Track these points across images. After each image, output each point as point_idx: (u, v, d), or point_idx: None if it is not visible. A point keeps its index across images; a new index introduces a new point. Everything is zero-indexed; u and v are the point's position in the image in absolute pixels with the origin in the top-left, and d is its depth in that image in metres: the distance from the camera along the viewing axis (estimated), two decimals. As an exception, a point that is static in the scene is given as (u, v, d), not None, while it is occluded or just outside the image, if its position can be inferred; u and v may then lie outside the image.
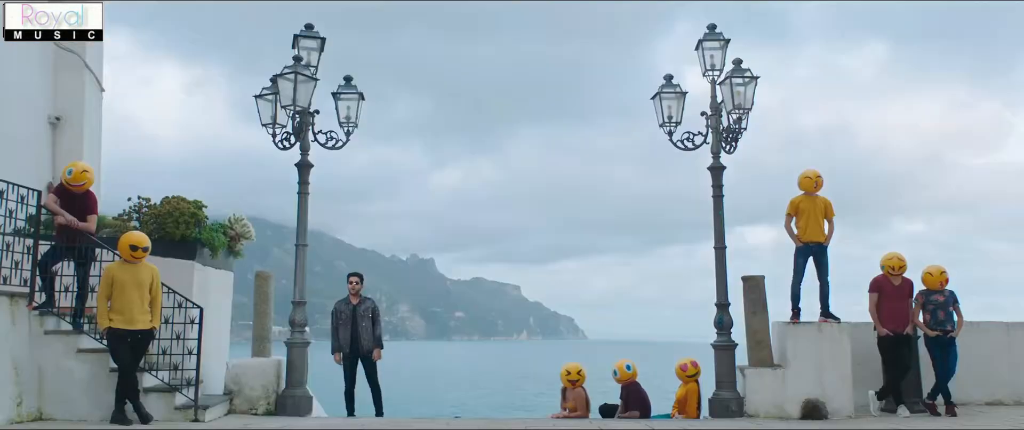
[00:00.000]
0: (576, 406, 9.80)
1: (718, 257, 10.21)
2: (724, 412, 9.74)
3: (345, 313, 10.60)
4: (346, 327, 10.53)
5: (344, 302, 10.71)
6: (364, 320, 10.65)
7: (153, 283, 8.38)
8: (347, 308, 10.63)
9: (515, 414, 38.28)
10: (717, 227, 10.25)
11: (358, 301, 10.73)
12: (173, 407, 8.60)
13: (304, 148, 10.32)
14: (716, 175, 10.31)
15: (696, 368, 9.93)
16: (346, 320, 10.55)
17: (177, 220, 9.75)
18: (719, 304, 10.10)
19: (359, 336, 10.59)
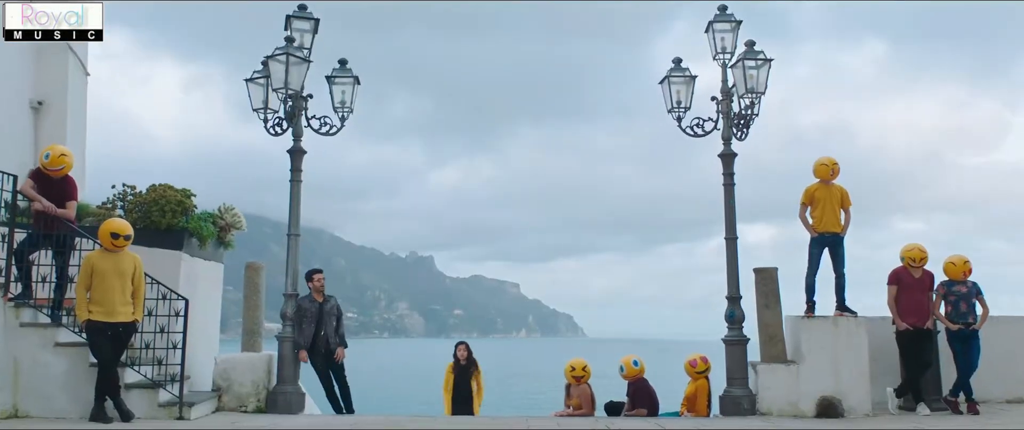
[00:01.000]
0: (581, 403, 9.37)
1: (729, 248, 9.77)
2: (735, 410, 9.30)
3: (311, 310, 10.08)
4: (311, 325, 10.04)
5: (309, 299, 10.16)
6: (330, 318, 10.26)
7: (135, 273, 7.94)
8: (313, 306, 10.14)
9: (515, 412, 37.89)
10: (728, 216, 9.81)
11: (323, 299, 10.29)
12: (157, 404, 8.15)
13: (297, 134, 9.87)
14: (727, 162, 9.87)
15: (706, 364, 9.50)
16: (312, 318, 10.06)
17: (163, 208, 9.31)
18: (730, 297, 9.66)
19: (327, 335, 10.19)
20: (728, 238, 9.78)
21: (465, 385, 10.50)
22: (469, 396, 10.48)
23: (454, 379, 10.53)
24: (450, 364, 10.71)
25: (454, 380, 10.52)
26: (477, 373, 10.63)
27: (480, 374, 10.66)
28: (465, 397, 10.49)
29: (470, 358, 10.68)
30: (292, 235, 9.79)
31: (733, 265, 9.72)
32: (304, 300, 10.06)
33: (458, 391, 10.49)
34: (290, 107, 9.78)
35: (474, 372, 10.60)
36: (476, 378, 10.57)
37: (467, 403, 10.45)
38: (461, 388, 10.49)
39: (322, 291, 10.29)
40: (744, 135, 9.93)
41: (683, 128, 10.04)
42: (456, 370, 10.63)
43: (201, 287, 9.93)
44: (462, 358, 10.64)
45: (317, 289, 10.25)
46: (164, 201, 9.35)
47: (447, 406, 10.57)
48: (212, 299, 10.49)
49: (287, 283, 9.71)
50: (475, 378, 10.56)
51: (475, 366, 10.65)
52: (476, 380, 10.55)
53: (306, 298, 10.11)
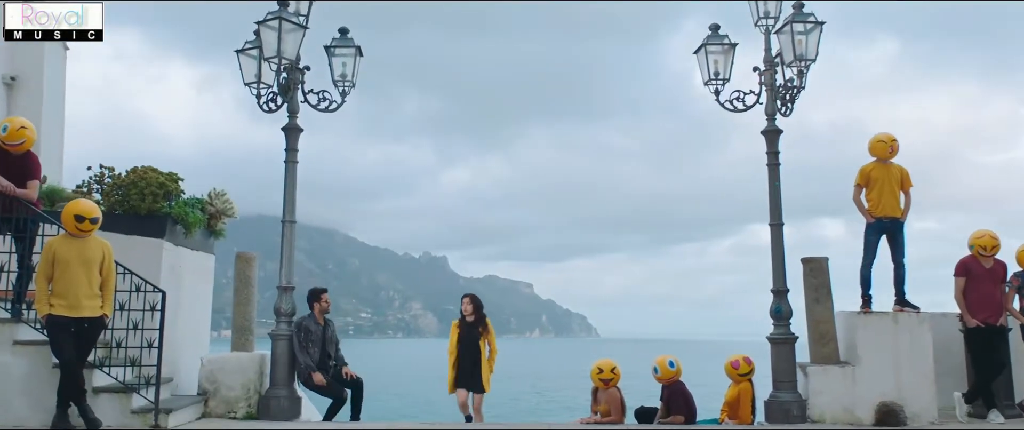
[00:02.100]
0: (610, 409, 8.35)
1: (774, 235, 8.74)
2: (783, 417, 8.27)
3: (315, 333, 8.87)
4: (317, 348, 8.84)
5: (311, 320, 8.93)
6: (333, 344, 9.09)
7: (104, 261, 6.97)
8: (317, 328, 8.92)
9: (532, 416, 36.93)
10: (773, 200, 8.77)
11: (325, 323, 9.08)
12: (129, 410, 7.19)
13: (292, 110, 8.90)
14: (771, 139, 8.83)
15: (749, 366, 8.47)
16: (317, 340, 8.87)
17: (143, 191, 8.38)
18: (776, 290, 8.62)
19: (333, 359, 9.03)
20: (773, 224, 8.74)
21: (472, 347, 9.11)
22: (477, 361, 9.06)
23: (459, 340, 9.16)
24: (455, 322, 9.36)
25: (459, 341, 9.15)
26: (487, 333, 9.22)
27: (492, 335, 9.25)
28: (473, 362, 9.07)
29: (479, 314, 9.22)
30: (287, 222, 8.81)
31: (779, 255, 8.70)
32: (308, 321, 8.89)
33: (464, 355, 9.09)
34: (284, 79, 8.81)
35: (483, 332, 9.19)
36: (486, 339, 9.18)
37: (475, 370, 9.05)
38: (468, 351, 9.10)
39: (326, 314, 9.14)
40: (789, 110, 8.90)
41: (722, 102, 9.01)
42: (462, 328, 9.25)
43: (188, 280, 9.00)
44: (468, 314, 9.19)
45: (323, 311, 9.07)
46: (144, 183, 8.42)
47: (451, 378, 9.13)
48: (201, 293, 9.56)
49: (281, 275, 8.74)
50: (485, 339, 9.17)
51: (485, 324, 9.22)
52: (487, 341, 9.17)
53: (310, 319, 8.93)
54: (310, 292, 9.16)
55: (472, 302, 9.28)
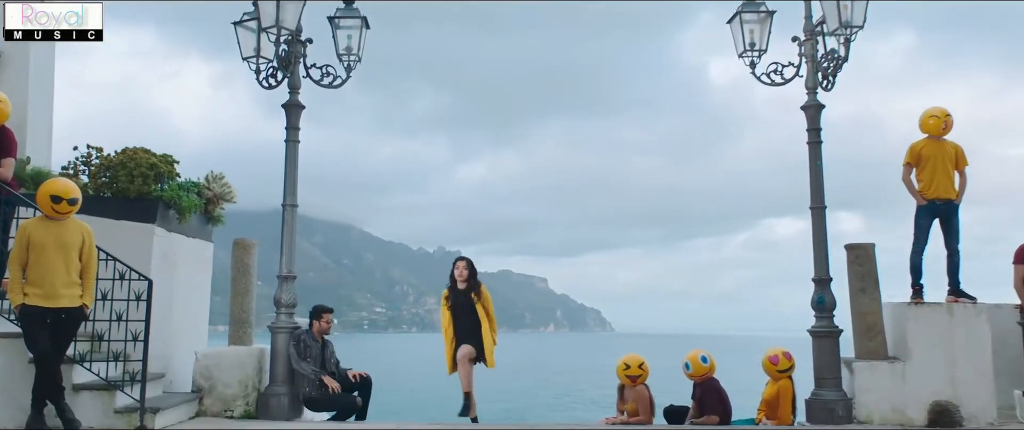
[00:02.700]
0: (637, 408, 7.67)
1: (816, 219, 8.03)
2: (827, 417, 7.59)
3: (315, 350, 8.12)
4: (315, 363, 8.05)
5: (309, 336, 8.16)
6: (330, 364, 8.27)
7: (85, 247, 6.34)
8: (315, 345, 8.16)
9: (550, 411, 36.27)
10: (814, 182, 8.06)
11: (323, 343, 8.29)
12: (112, 410, 6.58)
13: (293, 85, 8.29)
14: (812, 115, 8.12)
15: (790, 361, 7.76)
16: (315, 359, 8.07)
17: (132, 173, 7.77)
18: (818, 279, 7.92)
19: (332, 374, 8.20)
20: (815, 207, 8.03)
21: (469, 315, 8.09)
22: (475, 329, 8.04)
23: (452, 311, 8.17)
24: (445, 292, 8.34)
25: (452, 312, 8.15)
26: (483, 300, 8.14)
27: (488, 302, 8.15)
28: (470, 329, 8.05)
29: (472, 280, 8.19)
30: (287, 206, 8.19)
31: (821, 240, 7.99)
32: (306, 336, 8.13)
33: (461, 326, 8.09)
34: (284, 52, 8.18)
35: (478, 298, 8.13)
36: (483, 304, 8.12)
37: (473, 340, 8.02)
38: (464, 320, 8.09)
39: (326, 334, 8.36)
40: (831, 84, 8.19)
41: (758, 75, 8.32)
42: (453, 297, 8.23)
43: (182, 269, 8.39)
44: (461, 279, 8.16)
45: (322, 331, 8.30)
46: (133, 164, 7.81)
47: (450, 356, 8.13)
48: (198, 283, 8.94)
49: (282, 263, 8.12)
50: (482, 305, 8.11)
51: (479, 291, 8.15)
52: (483, 307, 8.11)
53: (309, 335, 8.17)
54: (313, 309, 8.40)
55: (468, 267, 8.25)
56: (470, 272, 8.23)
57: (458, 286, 8.22)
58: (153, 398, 7.03)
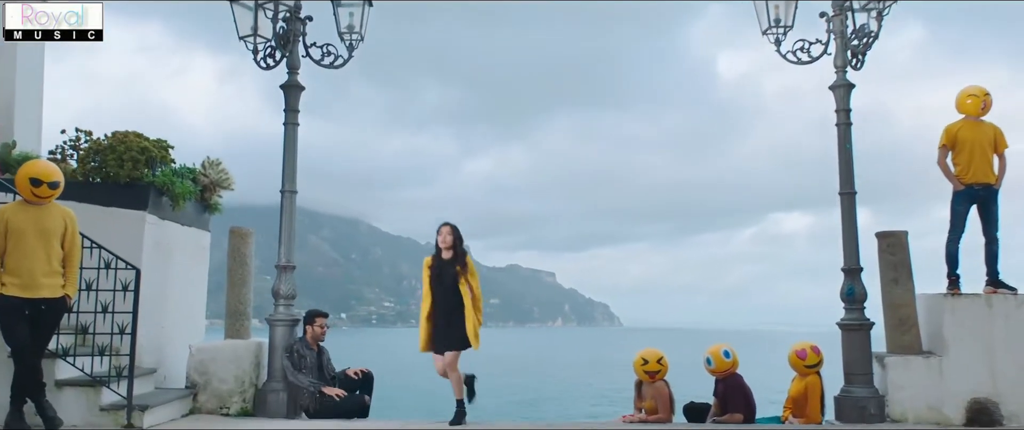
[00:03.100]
0: (656, 406, 7.22)
1: (845, 205, 7.57)
2: (858, 415, 7.15)
3: (310, 358, 7.59)
4: (311, 375, 7.51)
5: (304, 344, 7.64)
6: (327, 373, 7.72)
7: (67, 233, 5.93)
8: (311, 354, 7.62)
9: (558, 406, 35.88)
10: (843, 165, 7.60)
11: (319, 350, 7.75)
12: (98, 407, 6.18)
13: (292, 65, 7.89)
14: (841, 96, 7.66)
15: (818, 356, 7.30)
16: (311, 368, 7.55)
17: (121, 157, 7.36)
18: (848, 269, 7.46)
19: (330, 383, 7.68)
20: (844, 193, 7.57)
21: (449, 291, 6.91)
22: (457, 308, 6.87)
23: (432, 282, 6.98)
24: (427, 260, 7.13)
25: (432, 284, 6.97)
26: (467, 273, 6.99)
27: (474, 275, 7.02)
28: (450, 309, 6.88)
29: (457, 247, 7.03)
30: (286, 192, 7.78)
31: (851, 227, 7.53)
32: (300, 345, 7.61)
33: (439, 303, 6.92)
34: (283, 29, 7.76)
35: (462, 272, 6.98)
36: (466, 280, 6.96)
37: (453, 320, 6.86)
38: (444, 297, 6.91)
39: (320, 340, 7.80)
40: (860, 62, 7.73)
41: (783, 54, 7.85)
42: (435, 267, 7.03)
43: (177, 259, 7.99)
44: (446, 247, 6.97)
45: (316, 338, 7.75)
46: (123, 148, 7.41)
47: (424, 334, 7.00)
48: (194, 274, 8.53)
49: (280, 252, 7.72)
50: (464, 279, 6.95)
51: (464, 262, 7.01)
52: (468, 282, 6.96)
53: (302, 343, 7.64)
54: (306, 314, 7.83)
55: (452, 233, 7.04)
56: (455, 238, 7.01)
57: (442, 255, 7.02)
58: (142, 395, 6.64)
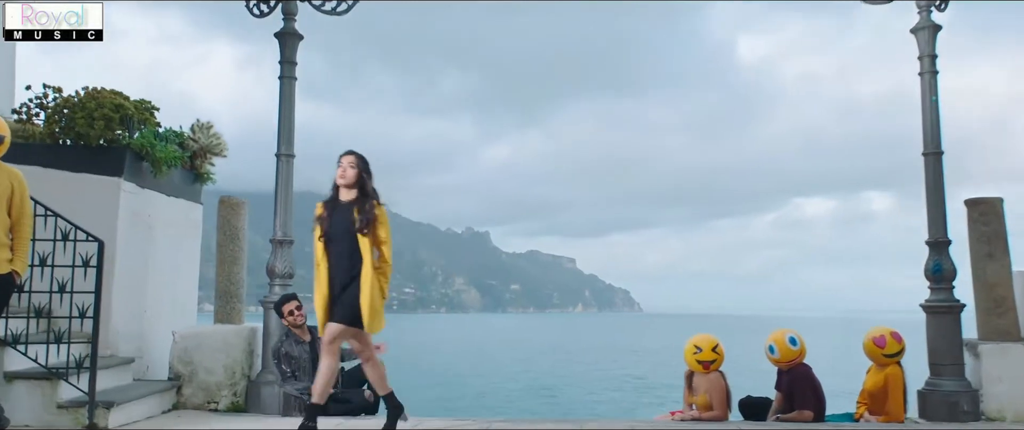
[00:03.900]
0: (711, 401, 6.18)
1: (930, 167, 6.50)
2: (947, 412, 6.12)
3: (300, 357, 6.31)
4: (306, 375, 6.19)
5: (291, 341, 6.36)
6: None
7: (14, 198, 4.94)
8: (300, 348, 6.35)
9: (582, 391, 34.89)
10: (928, 121, 6.52)
11: (311, 337, 6.40)
12: (55, 404, 5.23)
13: (288, 11, 6.91)
14: (925, 40, 6.57)
15: (900, 344, 6.21)
16: (304, 366, 6.27)
17: (92, 115, 6.41)
18: (934, 241, 6.40)
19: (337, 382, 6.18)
20: (929, 153, 6.49)
21: (344, 252, 4.89)
22: (354, 270, 4.86)
23: (326, 239, 4.95)
24: (320, 205, 5.10)
25: (326, 241, 4.95)
26: (376, 224, 4.94)
27: (384, 226, 4.98)
28: (346, 269, 4.87)
29: (362, 186, 5.01)
30: (282, 156, 6.79)
31: (937, 193, 6.46)
32: (288, 343, 6.35)
33: (336, 265, 4.89)
34: (276, -31, 6.77)
35: (365, 222, 4.90)
36: (373, 237, 4.93)
37: (349, 287, 4.85)
38: (338, 259, 4.90)
39: (304, 326, 6.43)
40: (944, 3, 6.63)
41: (857, -9, 6.77)
42: (328, 213, 5.01)
43: (161, 233, 7.05)
44: (347, 182, 5.01)
45: (295, 325, 6.39)
46: (94, 105, 6.45)
47: (320, 305, 4.88)
48: (183, 251, 7.59)
49: (276, 224, 6.76)
50: (375, 230, 4.93)
51: (367, 207, 4.94)
52: (376, 238, 4.94)
53: (289, 340, 6.37)
54: (276, 305, 6.46)
55: (357, 164, 5.04)
56: (360, 172, 5.00)
57: (339, 196, 5.03)
58: (113, 388, 5.72)
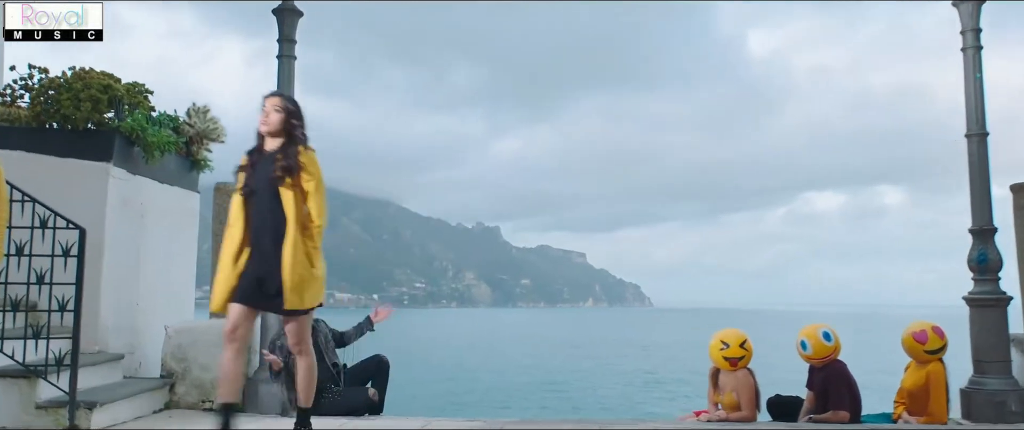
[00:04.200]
0: (738, 400, 5.77)
1: (974, 150, 6.04)
2: (994, 413, 5.68)
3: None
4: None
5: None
6: (329, 353, 6.19)
7: (-12, 182, 4.59)
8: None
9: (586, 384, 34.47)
10: (971, 100, 6.07)
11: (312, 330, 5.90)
12: (33, 404, 4.86)
13: (287, -14, 6.50)
14: (969, 13, 6.10)
15: (942, 339, 5.77)
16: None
17: (78, 95, 6.04)
18: (978, 229, 5.95)
19: (332, 376, 6.16)
20: (973, 134, 6.04)
21: (266, 209, 4.17)
22: (276, 232, 4.11)
23: (246, 192, 4.25)
24: (244, 162, 4.36)
25: (246, 195, 4.24)
26: (302, 175, 4.17)
27: (314, 176, 4.18)
28: (268, 232, 4.14)
29: (289, 133, 4.28)
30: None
31: (982, 177, 6.01)
32: (285, 339, 5.34)
33: (257, 226, 4.20)
34: (274, -61, 6.38)
35: (287, 172, 4.16)
36: (295, 183, 4.16)
37: (273, 254, 4.10)
38: (260, 217, 4.20)
39: None
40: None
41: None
42: (252, 166, 4.29)
43: (154, 221, 6.69)
44: (268, 127, 4.27)
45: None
46: (80, 85, 6.08)
47: (221, 282, 4.28)
48: (178, 242, 7.22)
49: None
50: (294, 183, 4.16)
51: (291, 153, 4.21)
52: (301, 192, 4.16)
53: (285, 339, 5.44)
54: None
55: (284, 107, 4.29)
56: (286, 117, 4.24)
57: (263, 145, 4.29)
58: (99, 387, 5.36)
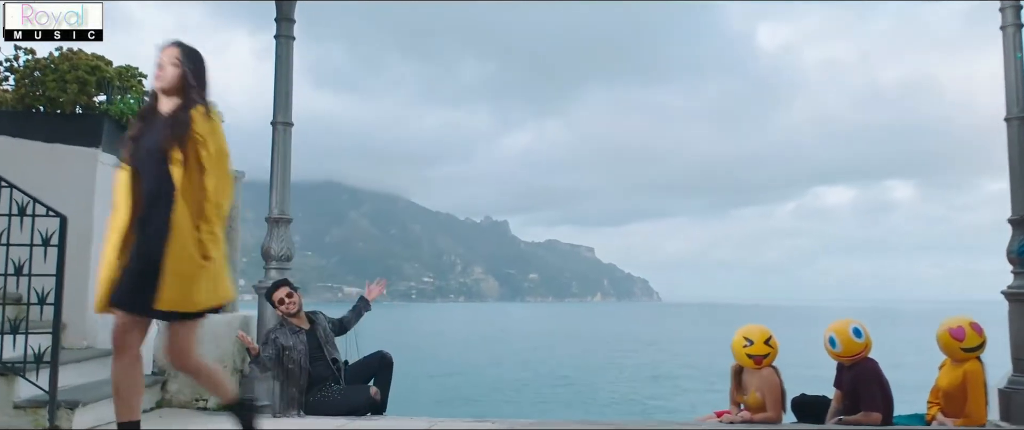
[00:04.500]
0: (763, 400, 5.42)
1: (1015, 134, 5.67)
2: (1036, 414, 5.31)
3: (298, 349, 5.72)
4: (301, 370, 5.70)
5: (288, 331, 5.79)
6: (329, 347, 5.98)
7: (-40, 166, 4.29)
8: (297, 339, 5.77)
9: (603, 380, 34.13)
10: (1011, 82, 5.70)
11: (310, 323, 5.95)
12: (11, 404, 4.55)
13: (285, -37, 6.18)
14: (1009, -11, 5.74)
15: (980, 337, 5.40)
16: (298, 360, 5.69)
17: (64, 77, 5.74)
18: (1019, 218, 5.58)
19: (332, 374, 5.92)
20: (1013, 118, 5.67)
21: (153, 185, 3.46)
22: (161, 217, 3.38)
23: (133, 168, 3.55)
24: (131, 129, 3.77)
25: (133, 171, 3.54)
26: (196, 139, 3.43)
27: (212, 143, 3.45)
28: (153, 219, 3.42)
29: (186, 91, 3.56)
30: (278, 124, 6.09)
31: (1021, 164, 5.64)
32: (282, 334, 5.76)
33: (142, 207, 3.49)
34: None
35: (176, 138, 3.45)
36: (193, 149, 3.43)
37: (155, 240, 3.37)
38: (150, 193, 3.46)
39: (300, 313, 5.94)
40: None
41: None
42: (139, 132, 3.62)
43: (147, 211, 6.33)
44: (166, 84, 3.59)
45: (289, 313, 5.86)
46: (67, 66, 5.79)
47: (105, 275, 3.47)
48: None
49: (271, 202, 6.07)
50: (193, 149, 3.43)
51: (183, 118, 3.48)
52: (198, 162, 3.43)
53: (284, 331, 5.79)
54: (266, 293, 5.95)
55: (180, 60, 3.60)
56: (185, 69, 3.58)
57: (159, 107, 3.63)
58: (81, 386, 5.03)
